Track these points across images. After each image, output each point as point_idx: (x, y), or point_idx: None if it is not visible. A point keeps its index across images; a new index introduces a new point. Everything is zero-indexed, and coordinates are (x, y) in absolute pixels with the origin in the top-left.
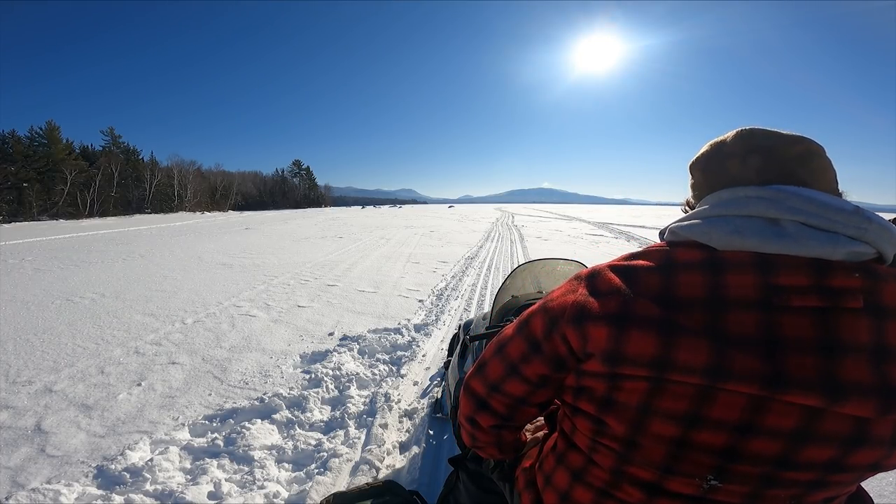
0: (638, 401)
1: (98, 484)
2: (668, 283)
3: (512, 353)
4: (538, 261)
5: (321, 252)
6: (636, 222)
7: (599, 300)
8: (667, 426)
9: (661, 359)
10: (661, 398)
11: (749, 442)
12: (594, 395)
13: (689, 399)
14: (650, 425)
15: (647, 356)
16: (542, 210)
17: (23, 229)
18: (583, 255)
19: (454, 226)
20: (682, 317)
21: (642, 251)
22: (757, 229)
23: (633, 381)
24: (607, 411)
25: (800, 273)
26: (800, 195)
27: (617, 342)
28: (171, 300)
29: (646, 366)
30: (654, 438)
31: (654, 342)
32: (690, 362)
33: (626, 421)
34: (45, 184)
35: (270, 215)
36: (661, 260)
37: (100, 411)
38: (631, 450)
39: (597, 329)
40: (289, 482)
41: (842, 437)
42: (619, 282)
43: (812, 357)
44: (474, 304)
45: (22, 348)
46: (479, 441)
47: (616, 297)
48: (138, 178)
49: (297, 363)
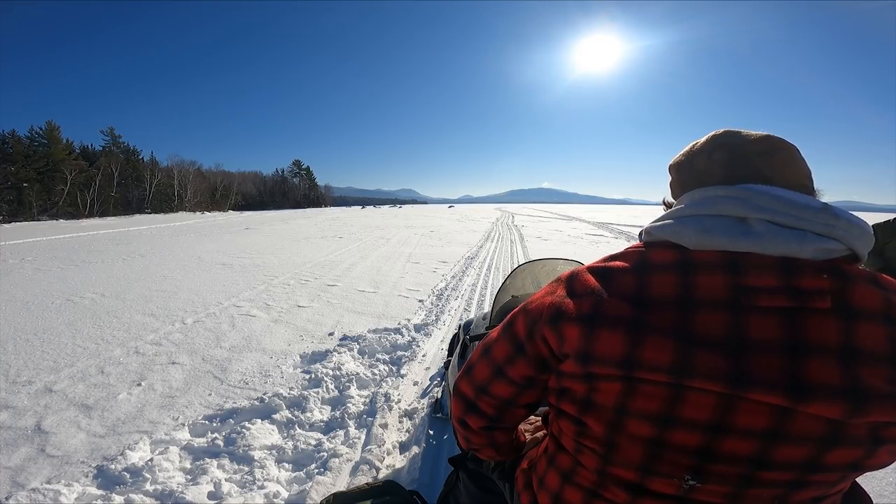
0: (614, 402)
1: (98, 484)
2: (642, 284)
3: (497, 354)
4: (538, 261)
5: (321, 252)
6: (636, 222)
7: (575, 301)
8: (642, 426)
9: (628, 358)
10: (635, 398)
11: (723, 441)
12: (574, 396)
13: (661, 399)
14: (626, 426)
15: (615, 355)
16: (542, 210)
17: (23, 229)
18: (583, 255)
19: (454, 226)
20: (652, 316)
21: (620, 253)
22: (725, 228)
23: (608, 381)
24: (587, 412)
25: (768, 274)
26: (767, 193)
27: (588, 342)
28: (172, 300)
29: (615, 365)
30: (632, 439)
31: (621, 341)
32: (656, 361)
33: (603, 422)
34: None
35: (270, 215)
36: (636, 261)
37: (100, 411)
38: (611, 451)
39: (570, 329)
40: (289, 482)
41: (815, 437)
42: (594, 283)
43: (777, 357)
44: (474, 304)
45: (22, 348)
46: (473, 443)
47: (590, 297)
48: (138, 178)
49: (297, 363)
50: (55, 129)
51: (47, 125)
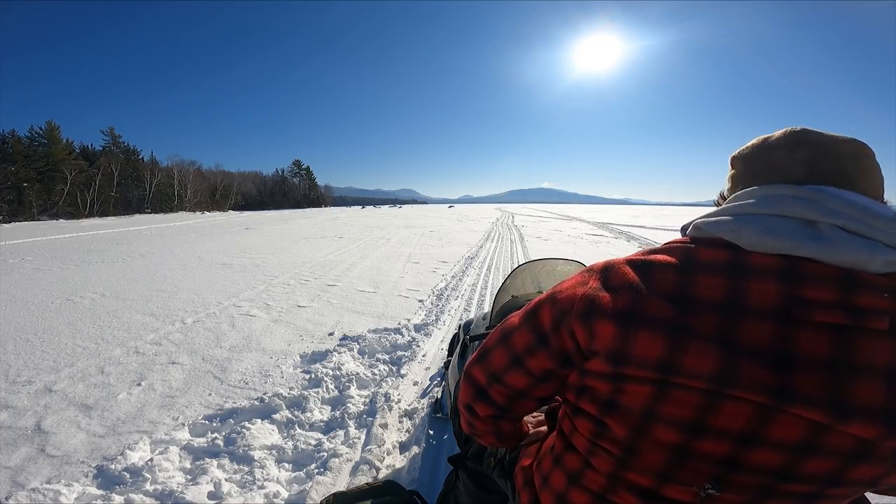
0: (641, 405)
1: (98, 484)
2: (686, 283)
3: (517, 343)
4: (538, 261)
5: (321, 252)
6: (636, 222)
7: (610, 295)
8: (669, 432)
9: (667, 362)
10: (665, 403)
11: (751, 452)
12: (597, 395)
13: (694, 406)
14: (652, 431)
15: (653, 358)
16: (542, 210)
17: (23, 229)
18: (582, 255)
19: (454, 226)
20: (694, 320)
21: (663, 246)
22: (791, 230)
23: (638, 383)
24: (609, 413)
25: (827, 287)
26: (841, 197)
27: (623, 341)
28: (172, 300)
29: (651, 368)
30: (656, 444)
31: (661, 344)
32: (697, 367)
33: (628, 425)
34: (45, 184)
35: (270, 215)
36: (681, 257)
37: (100, 411)
38: (630, 455)
39: (604, 326)
40: (289, 482)
41: (845, 452)
42: (633, 277)
43: (823, 374)
44: (474, 304)
45: (22, 348)
46: (477, 429)
47: (628, 293)
48: (138, 177)
49: (297, 363)
50: (55, 128)
51: (47, 125)
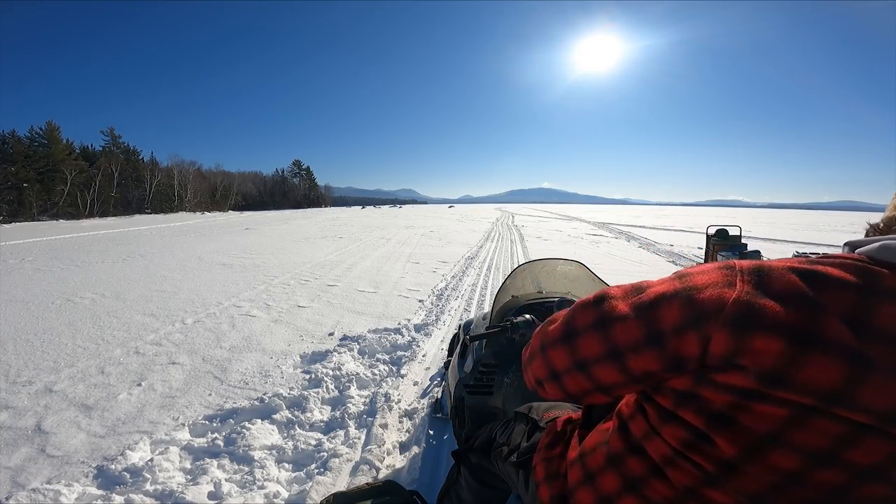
0: (768, 428)
1: (98, 484)
2: (867, 308)
3: (619, 336)
4: (538, 261)
5: (321, 252)
6: (636, 222)
7: (776, 304)
8: (790, 459)
9: (840, 392)
10: (801, 431)
11: (868, 486)
12: (707, 407)
13: (833, 437)
14: (770, 455)
15: (824, 386)
16: (542, 210)
17: (23, 229)
18: (583, 256)
19: (454, 226)
20: (876, 350)
21: (831, 258)
22: None
23: (777, 405)
24: (719, 429)
25: None
26: None
27: (790, 362)
28: (172, 300)
29: (815, 395)
30: (767, 469)
31: (840, 372)
32: (874, 402)
33: (740, 445)
34: (45, 184)
35: (270, 215)
36: (861, 278)
37: (100, 411)
38: (728, 474)
39: (767, 341)
40: (289, 482)
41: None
42: (803, 287)
43: None
44: (474, 305)
45: (22, 348)
46: (538, 391)
47: (800, 305)
48: (138, 178)
49: (297, 363)
50: (55, 129)
51: (47, 125)
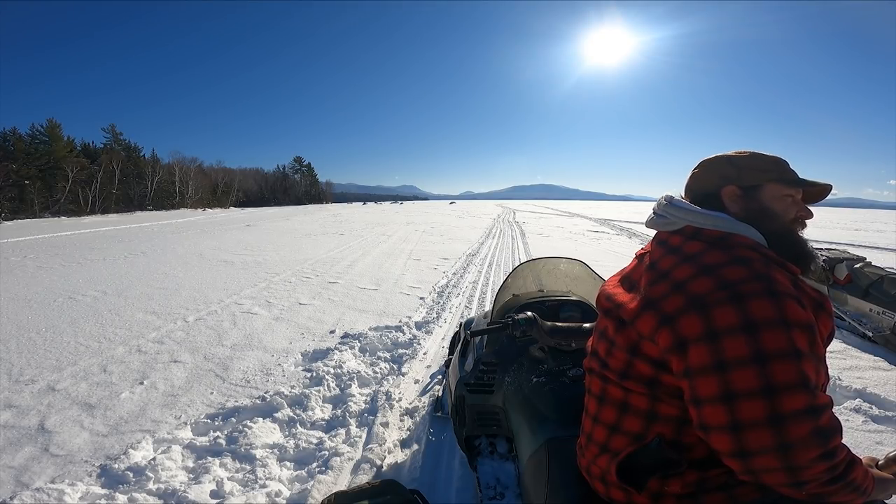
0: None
1: (101, 483)
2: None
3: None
4: (539, 259)
5: (322, 249)
6: (638, 219)
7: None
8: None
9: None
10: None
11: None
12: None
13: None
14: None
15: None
16: (543, 206)
17: (25, 226)
18: (584, 253)
19: (455, 222)
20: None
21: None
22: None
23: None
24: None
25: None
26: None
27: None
28: (173, 298)
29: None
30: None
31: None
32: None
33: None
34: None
35: (272, 212)
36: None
37: (102, 410)
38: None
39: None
40: (290, 481)
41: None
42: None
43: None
44: (475, 302)
45: (25, 347)
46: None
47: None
48: (140, 174)
49: (298, 361)
50: (56, 126)
51: (48, 123)
